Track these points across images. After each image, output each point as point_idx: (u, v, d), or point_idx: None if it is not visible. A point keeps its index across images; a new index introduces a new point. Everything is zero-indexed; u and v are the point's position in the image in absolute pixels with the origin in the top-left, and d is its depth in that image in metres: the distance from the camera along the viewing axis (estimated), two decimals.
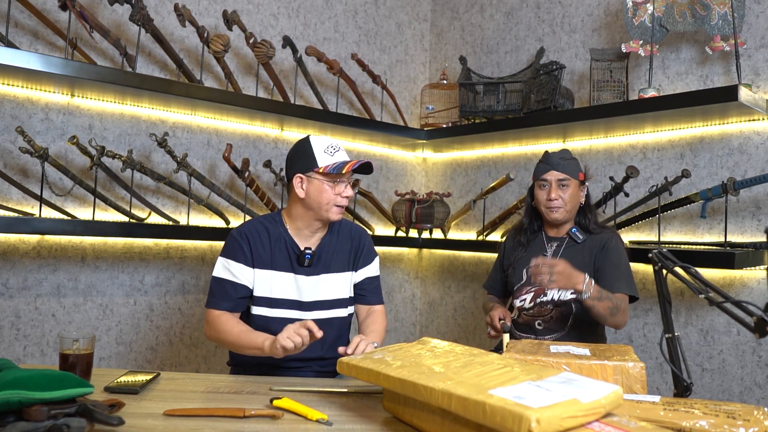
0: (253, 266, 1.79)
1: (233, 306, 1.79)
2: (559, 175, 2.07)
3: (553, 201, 2.08)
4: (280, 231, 1.83)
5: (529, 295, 2.07)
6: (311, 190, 1.77)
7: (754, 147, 2.32)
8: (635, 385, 1.34)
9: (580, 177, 2.10)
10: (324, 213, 1.78)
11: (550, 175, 2.08)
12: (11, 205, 2.28)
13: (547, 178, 2.09)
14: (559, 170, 2.07)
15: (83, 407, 1.07)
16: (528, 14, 3.14)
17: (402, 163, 3.57)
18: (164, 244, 2.68)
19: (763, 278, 2.26)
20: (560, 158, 2.09)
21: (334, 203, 1.77)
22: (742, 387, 2.30)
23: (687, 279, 1.32)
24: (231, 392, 1.45)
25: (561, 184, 2.07)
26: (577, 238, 2.10)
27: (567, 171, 2.07)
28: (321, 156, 1.77)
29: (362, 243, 1.93)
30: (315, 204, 1.77)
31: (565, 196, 2.07)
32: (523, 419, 0.88)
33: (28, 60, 2.05)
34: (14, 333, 2.34)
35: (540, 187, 2.12)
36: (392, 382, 1.16)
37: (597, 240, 2.08)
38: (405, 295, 3.56)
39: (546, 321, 2.05)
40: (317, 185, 1.76)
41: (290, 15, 3.08)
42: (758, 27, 2.32)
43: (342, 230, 1.91)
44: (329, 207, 1.77)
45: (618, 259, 2.02)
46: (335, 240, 1.88)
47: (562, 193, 2.07)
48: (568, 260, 1.98)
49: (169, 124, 2.68)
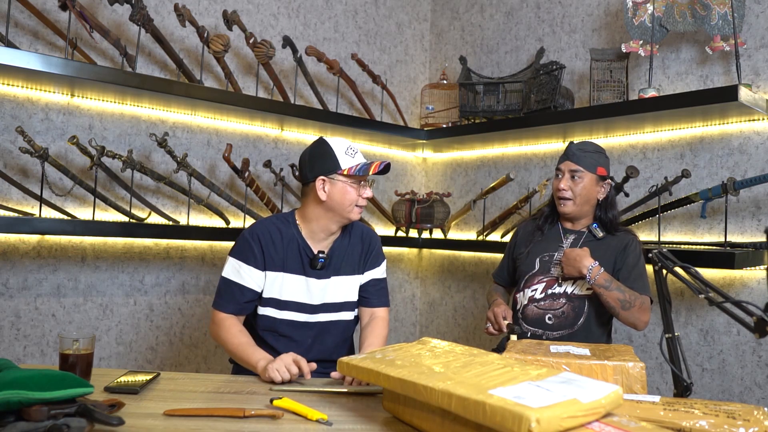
0: (264, 269, 1.78)
1: (239, 310, 1.78)
2: (572, 165, 2.00)
3: (561, 191, 2.01)
4: (293, 233, 1.81)
5: (541, 285, 2.02)
6: (334, 192, 1.75)
7: (754, 147, 2.32)
8: (635, 385, 1.34)
9: (599, 172, 2.00)
10: (346, 214, 1.77)
11: (564, 165, 2.02)
12: (11, 205, 2.28)
13: (561, 168, 2.04)
14: (573, 161, 2.00)
15: (83, 407, 1.07)
16: (528, 14, 3.14)
17: (402, 163, 3.57)
18: (164, 244, 2.68)
19: (763, 278, 2.26)
20: (578, 149, 2.02)
21: (356, 204, 1.77)
22: (742, 387, 2.30)
23: (687, 279, 1.32)
24: (231, 392, 1.45)
25: (573, 176, 2.00)
26: (597, 234, 2.03)
27: (582, 163, 1.99)
28: (343, 158, 1.75)
29: (372, 246, 1.92)
30: (338, 206, 1.76)
31: (576, 189, 2.00)
32: (523, 419, 0.88)
33: (28, 60, 2.05)
34: (14, 333, 2.34)
35: (556, 176, 2.07)
36: (392, 382, 1.16)
37: (619, 240, 2.02)
38: (405, 295, 3.56)
39: (557, 316, 1.98)
40: (341, 187, 1.74)
41: (290, 15, 3.08)
42: (758, 27, 2.32)
43: (354, 232, 1.90)
44: (352, 208, 1.77)
45: (636, 261, 1.98)
46: (347, 242, 1.87)
47: (573, 184, 2.00)
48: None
49: (169, 124, 2.68)
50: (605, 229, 2.05)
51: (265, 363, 1.58)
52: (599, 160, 2.02)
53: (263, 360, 1.60)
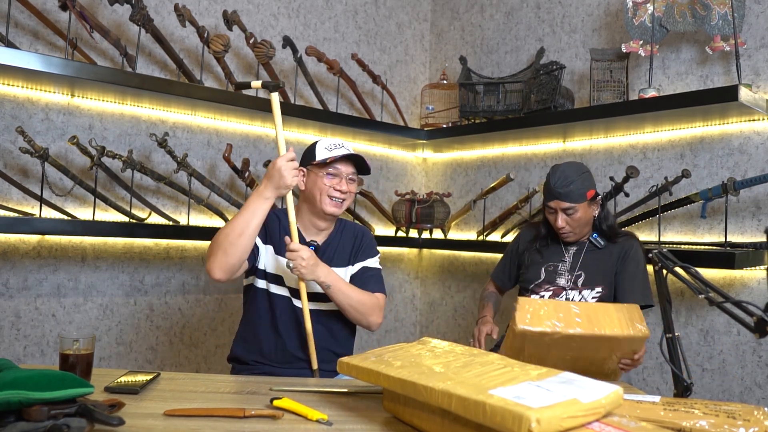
0: (264, 242, 1.86)
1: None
2: (562, 204, 1.99)
3: (561, 229, 2.03)
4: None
5: (548, 293, 2.06)
6: (308, 182, 1.86)
7: (754, 147, 2.32)
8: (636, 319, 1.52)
9: (588, 196, 2.00)
10: (320, 204, 1.83)
11: (554, 204, 2.01)
12: (11, 205, 2.28)
13: (552, 206, 2.03)
14: (561, 199, 1.99)
15: (83, 407, 1.07)
16: (528, 14, 3.14)
17: (402, 163, 3.57)
18: (164, 244, 2.68)
19: (763, 278, 2.26)
20: (562, 185, 1.98)
21: (327, 194, 1.82)
22: (742, 387, 2.30)
23: (687, 279, 1.32)
24: (231, 392, 1.45)
25: (567, 213, 2.00)
26: (598, 244, 2.06)
27: (570, 198, 1.98)
28: (320, 151, 1.85)
29: (364, 239, 1.97)
30: (311, 196, 1.85)
31: (574, 222, 2.02)
32: (524, 419, 0.88)
33: (28, 60, 2.05)
34: (14, 333, 2.34)
35: (548, 211, 2.07)
36: (392, 382, 1.16)
37: (620, 247, 2.05)
38: (405, 295, 3.56)
39: None
40: (312, 177, 1.85)
41: (290, 15, 3.08)
42: (758, 27, 2.32)
43: (347, 229, 1.98)
44: (323, 198, 1.82)
45: (635, 268, 2.00)
46: (339, 237, 1.95)
47: (569, 219, 2.01)
48: (590, 265, 2.02)
49: (169, 124, 2.68)
50: (605, 237, 2.07)
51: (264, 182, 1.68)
52: (585, 184, 2.00)
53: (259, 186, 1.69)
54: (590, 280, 2.02)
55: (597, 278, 2.02)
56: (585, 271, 2.04)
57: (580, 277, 2.03)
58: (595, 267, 2.01)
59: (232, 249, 1.67)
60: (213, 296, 2.82)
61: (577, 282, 2.03)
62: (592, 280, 2.02)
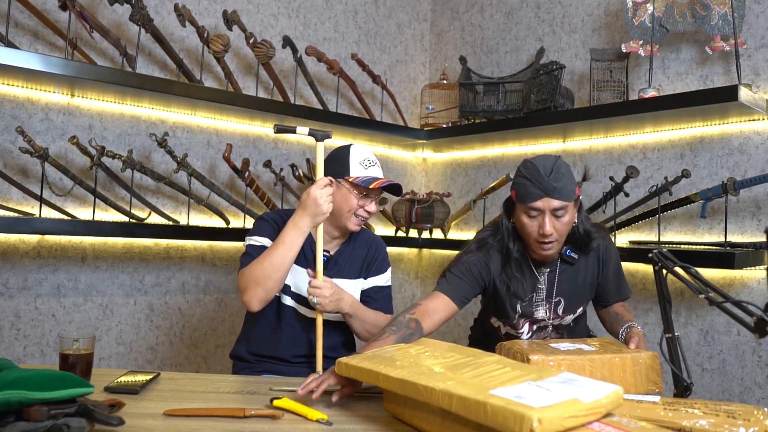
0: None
1: None
2: (555, 203, 1.58)
3: (547, 236, 1.60)
4: None
5: (526, 326, 1.81)
6: (337, 196, 1.76)
7: (754, 147, 2.32)
8: (651, 374, 1.46)
9: (576, 193, 1.64)
10: (344, 220, 1.79)
11: (543, 202, 1.58)
12: (11, 205, 2.28)
13: (539, 207, 1.59)
14: (554, 196, 1.57)
15: (83, 407, 1.07)
16: (528, 14, 3.14)
17: (402, 163, 3.57)
18: (164, 244, 2.68)
19: (763, 278, 2.26)
20: (555, 179, 1.57)
21: (355, 213, 1.78)
22: (742, 387, 2.30)
23: (687, 279, 1.32)
24: (231, 392, 1.45)
25: (557, 214, 1.60)
26: (572, 260, 1.73)
27: (564, 195, 1.58)
28: (355, 166, 1.78)
29: (377, 253, 1.92)
30: (337, 210, 1.77)
31: (562, 228, 1.62)
32: (525, 419, 0.88)
33: (28, 60, 2.05)
34: (14, 333, 2.34)
35: (528, 216, 1.62)
36: (392, 382, 1.16)
37: (594, 255, 1.77)
38: (405, 295, 3.56)
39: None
40: (344, 193, 1.77)
41: (290, 15, 3.08)
42: (758, 27, 2.32)
43: (360, 238, 1.92)
44: (349, 216, 1.78)
45: (614, 267, 1.81)
46: (352, 247, 1.89)
47: (557, 223, 1.61)
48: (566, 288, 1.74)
49: (169, 124, 2.68)
50: (578, 249, 1.74)
51: (298, 214, 1.66)
52: (573, 179, 1.63)
53: (292, 221, 1.67)
54: (570, 305, 1.78)
55: (577, 300, 1.79)
56: (563, 297, 1.76)
57: (560, 305, 1.77)
58: (573, 288, 1.76)
59: (270, 283, 1.67)
60: (213, 296, 2.82)
61: (557, 310, 1.77)
62: (571, 304, 1.78)
